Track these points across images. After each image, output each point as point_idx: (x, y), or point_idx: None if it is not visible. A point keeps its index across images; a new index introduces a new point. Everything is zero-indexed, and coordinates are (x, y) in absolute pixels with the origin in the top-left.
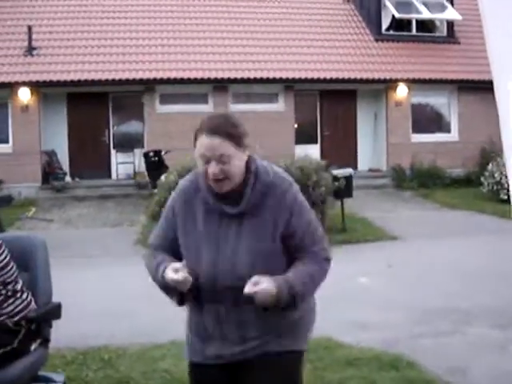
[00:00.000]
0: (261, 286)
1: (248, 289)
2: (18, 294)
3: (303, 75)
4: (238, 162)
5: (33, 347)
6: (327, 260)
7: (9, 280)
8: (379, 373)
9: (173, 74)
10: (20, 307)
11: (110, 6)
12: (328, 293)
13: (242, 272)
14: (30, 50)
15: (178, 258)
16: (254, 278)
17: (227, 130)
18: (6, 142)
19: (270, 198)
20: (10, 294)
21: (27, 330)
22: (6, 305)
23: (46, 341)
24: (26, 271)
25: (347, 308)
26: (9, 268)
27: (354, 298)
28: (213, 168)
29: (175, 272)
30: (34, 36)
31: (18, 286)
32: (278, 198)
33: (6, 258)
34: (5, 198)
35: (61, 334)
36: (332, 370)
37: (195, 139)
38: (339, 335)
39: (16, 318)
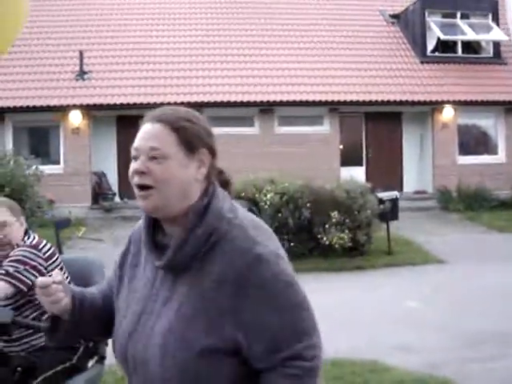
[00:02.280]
0: None
1: None
2: None
3: (348, 98)
4: (178, 170)
5: (90, 364)
6: (313, 370)
7: None
8: None
9: (219, 97)
10: None
11: (157, 31)
12: (373, 316)
13: (152, 368)
14: (82, 74)
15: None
16: None
17: (178, 121)
18: (58, 163)
19: (217, 259)
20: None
21: (85, 348)
22: None
23: (102, 358)
24: None
25: (393, 331)
26: None
27: (400, 321)
28: (138, 164)
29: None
30: (85, 60)
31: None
32: (230, 263)
33: (66, 278)
34: (63, 220)
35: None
36: None
37: None
38: (385, 358)
39: None
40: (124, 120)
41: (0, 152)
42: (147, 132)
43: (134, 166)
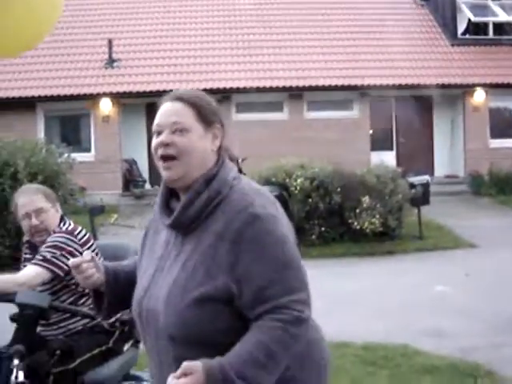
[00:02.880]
0: (184, 380)
1: (168, 382)
2: None
3: (378, 82)
4: (197, 142)
5: (125, 347)
6: (298, 320)
7: None
8: (456, 381)
9: (248, 83)
10: None
11: (185, 17)
12: (404, 301)
13: (159, 318)
14: (111, 62)
15: None
16: (183, 366)
17: (195, 98)
18: (89, 150)
19: (218, 218)
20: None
21: (121, 332)
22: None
23: (137, 342)
24: None
25: (424, 316)
26: None
27: (431, 305)
28: (162, 137)
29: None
30: (114, 48)
31: None
32: (228, 221)
33: None
34: (98, 207)
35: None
36: (409, 378)
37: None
38: (416, 343)
39: (111, 320)
40: (153, 107)
41: (32, 141)
42: (168, 109)
43: (158, 139)
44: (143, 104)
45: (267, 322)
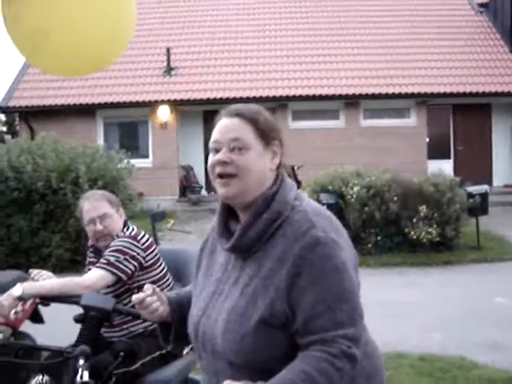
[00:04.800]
0: None
1: None
2: None
3: (436, 90)
4: (256, 160)
5: (185, 351)
6: (345, 355)
7: (166, 289)
8: None
9: (305, 91)
10: None
11: (242, 25)
12: (462, 311)
13: (217, 342)
14: (169, 70)
15: None
16: None
17: (254, 114)
18: (147, 157)
19: (279, 242)
20: None
21: None
22: None
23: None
24: (179, 282)
25: (482, 328)
26: (166, 278)
27: (490, 317)
28: (221, 155)
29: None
30: (172, 57)
31: None
32: (289, 244)
33: (163, 269)
34: (159, 213)
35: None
36: None
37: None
38: (473, 355)
39: None
40: (210, 114)
41: (93, 146)
42: (226, 125)
43: (215, 157)
44: (200, 111)
45: (313, 352)
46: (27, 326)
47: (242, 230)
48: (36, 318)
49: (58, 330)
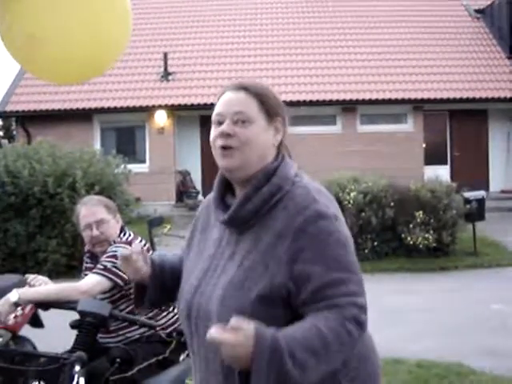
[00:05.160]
0: (231, 334)
1: (212, 333)
2: (171, 308)
3: (432, 95)
4: (259, 134)
5: (181, 357)
6: (355, 319)
7: None
8: None
9: (302, 97)
10: (172, 320)
11: (240, 31)
12: (459, 318)
13: (212, 318)
14: (166, 75)
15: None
16: (233, 321)
17: (259, 90)
18: (143, 162)
19: (279, 215)
20: (163, 308)
21: (177, 342)
22: (159, 317)
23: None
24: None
25: (479, 334)
26: None
27: (487, 324)
28: (224, 127)
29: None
30: (169, 62)
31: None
32: (290, 218)
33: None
34: (157, 218)
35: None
36: None
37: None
38: (470, 361)
39: (168, 330)
40: (207, 120)
41: (90, 151)
42: (231, 99)
43: (219, 129)
44: (197, 116)
45: (325, 313)
46: (26, 331)
47: (241, 201)
48: (35, 322)
49: (54, 335)
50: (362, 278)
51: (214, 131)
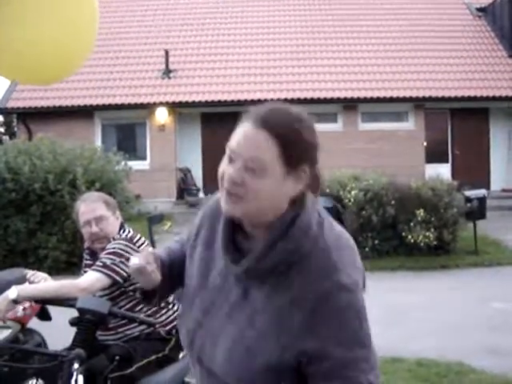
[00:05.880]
0: None
1: None
2: (170, 306)
3: (433, 94)
4: (272, 188)
5: (181, 355)
6: None
7: None
8: None
9: (303, 94)
10: (171, 318)
11: (241, 28)
12: (460, 316)
13: (216, 364)
14: (167, 72)
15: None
16: None
17: (285, 129)
18: (144, 159)
19: (295, 278)
20: (163, 305)
21: (177, 339)
22: (158, 315)
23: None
24: None
25: (479, 332)
26: None
27: (488, 322)
28: (232, 170)
29: (139, 258)
30: (170, 59)
31: (170, 299)
32: (307, 286)
33: None
34: (157, 216)
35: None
36: None
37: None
38: (471, 360)
39: (168, 328)
40: (208, 117)
41: (91, 148)
42: (249, 137)
43: (228, 171)
44: (198, 113)
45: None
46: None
47: (256, 258)
48: (43, 315)
49: (54, 333)
50: (374, 351)
51: (223, 167)
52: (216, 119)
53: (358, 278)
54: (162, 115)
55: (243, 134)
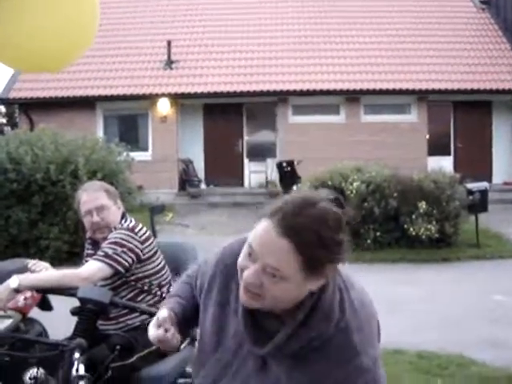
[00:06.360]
0: None
1: None
2: None
3: (437, 86)
4: (292, 291)
5: (182, 345)
6: None
7: (164, 282)
8: None
9: (305, 86)
10: None
11: (244, 20)
12: (461, 309)
13: None
14: (170, 63)
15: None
16: None
17: (310, 238)
18: (146, 150)
19: (316, 360)
20: (164, 295)
21: None
22: (160, 305)
23: (193, 340)
24: (177, 275)
25: (481, 325)
26: (164, 271)
27: (489, 315)
28: (251, 272)
29: (157, 326)
30: (172, 50)
31: (171, 289)
32: (329, 369)
33: (161, 262)
34: (159, 206)
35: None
36: None
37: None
38: (472, 352)
39: None
40: (211, 108)
41: (93, 139)
42: (270, 243)
43: (247, 270)
44: (201, 105)
45: None
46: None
47: (277, 346)
48: (44, 305)
49: (55, 323)
50: None
51: (243, 256)
52: (218, 110)
53: (377, 350)
54: (164, 106)
55: (265, 237)
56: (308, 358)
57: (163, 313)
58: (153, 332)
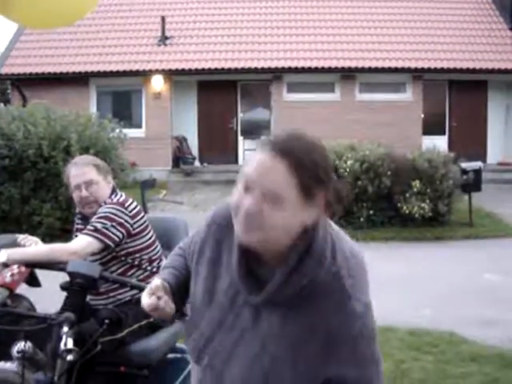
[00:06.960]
0: None
1: None
2: None
3: (432, 65)
4: (290, 218)
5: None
6: None
7: (154, 257)
8: (503, 371)
9: (300, 63)
10: None
11: None
12: (453, 287)
13: (226, 382)
14: (164, 39)
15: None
16: None
17: (306, 158)
18: (140, 127)
19: (310, 305)
20: (154, 270)
21: None
22: (150, 280)
23: (183, 315)
24: (168, 250)
25: (471, 304)
26: (154, 246)
27: (480, 293)
28: (250, 202)
29: (150, 295)
30: (166, 26)
31: (162, 264)
32: (322, 315)
33: (151, 237)
34: (149, 181)
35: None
36: (454, 365)
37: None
38: (463, 331)
39: None
40: (205, 85)
41: (86, 115)
42: (267, 167)
43: (245, 201)
44: (195, 81)
45: None
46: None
47: (271, 292)
48: (32, 281)
49: (44, 300)
50: (382, 365)
51: (238, 197)
52: (213, 87)
53: (368, 298)
54: (157, 83)
55: (261, 162)
56: (300, 306)
57: (156, 281)
58: (146, 300)
